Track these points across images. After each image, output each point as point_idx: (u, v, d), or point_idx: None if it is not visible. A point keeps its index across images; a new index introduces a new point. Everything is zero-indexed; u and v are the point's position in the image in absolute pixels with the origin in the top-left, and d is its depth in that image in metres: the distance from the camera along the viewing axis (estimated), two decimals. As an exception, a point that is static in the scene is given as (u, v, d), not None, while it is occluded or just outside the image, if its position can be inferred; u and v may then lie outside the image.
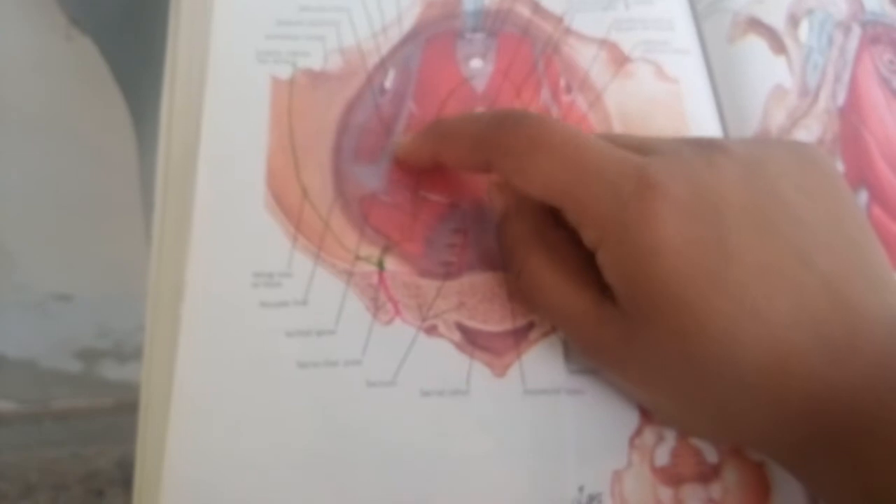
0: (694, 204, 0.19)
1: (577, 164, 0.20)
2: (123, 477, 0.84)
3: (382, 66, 0.27)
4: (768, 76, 0.27)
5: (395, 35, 0.27)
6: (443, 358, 0.23)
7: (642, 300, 0.19)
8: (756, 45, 0.27)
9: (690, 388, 0.20)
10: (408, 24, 0.27)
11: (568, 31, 0.28)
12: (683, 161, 0.20)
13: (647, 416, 0.22)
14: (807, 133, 0.26)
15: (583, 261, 0.21)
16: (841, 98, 0.27)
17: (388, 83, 0.26)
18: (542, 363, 0.23)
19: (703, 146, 0.21)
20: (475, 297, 0.24)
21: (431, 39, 0.27)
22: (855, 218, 0.21)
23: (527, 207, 0.22)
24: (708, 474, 0.22)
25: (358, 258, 0.24)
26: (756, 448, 0.21)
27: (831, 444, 0.18)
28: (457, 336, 0.23)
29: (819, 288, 0.19)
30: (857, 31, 0.29)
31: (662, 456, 0.22)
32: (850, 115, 0.27)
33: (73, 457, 0.85)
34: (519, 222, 0.22)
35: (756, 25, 0.27)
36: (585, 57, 0.27)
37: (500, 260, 0.24)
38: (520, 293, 0.23)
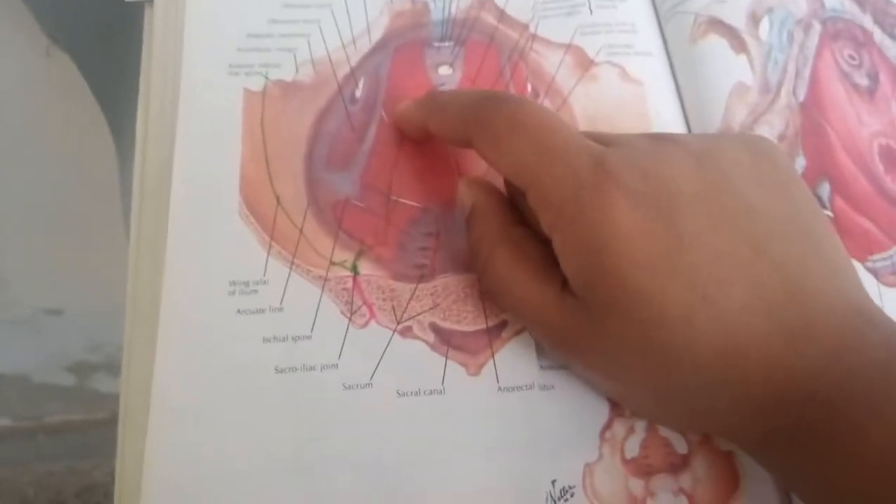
0: (647, 193, 0.19)
1: (543, 146, 0.20)
2: (119, 490, 0.84)
3: (353, 75, 0.27)
4: (730, 74, 0.27)
5: (364, 45, 0.28)
6: (418, 359, 0.23)
7: (598, 288, 0.19)
8: (717, 45, 0.28)
9: (653, 376, 0.20)
10: (377, 34, 0.28)
11: (533, 38, 0.28)
12: (639, 152, 0.20)
13: (617, 409, 0.23)
14: (769, 128, 0.27)
15: (545, 257, 0.21)
16: (802, 93, 0.28)
17: (359, 92, 0.27)
18: (515, 361, 0.23)
19: (659, 139, 0.22)
20: (449, 298, 0.24)
21: (400, 48, 0.28)
22: (809, 208, 0.21)
23: (492, 205, 0.23)
24: (678, 465, 0.22)
25: (332, 263, 0.24)
26: (721, 435, 0.22)
27: (791, 429, 0.19)
28: (431, 337, 0.23)
29: (773, 275, 0.19)
30: (817, 27, 0.29)
31: (633, 448, 0.22)
32: (811, 110, 0.28)
33: (69, 471, 0.85)
34: (484, 220, 0.23)
35: (717, 25, 0.28)
36: (551, 62, 0.28)
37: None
38: (485, 290, 0.23)
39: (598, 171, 0.20)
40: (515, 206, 0.23)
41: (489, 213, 0.23)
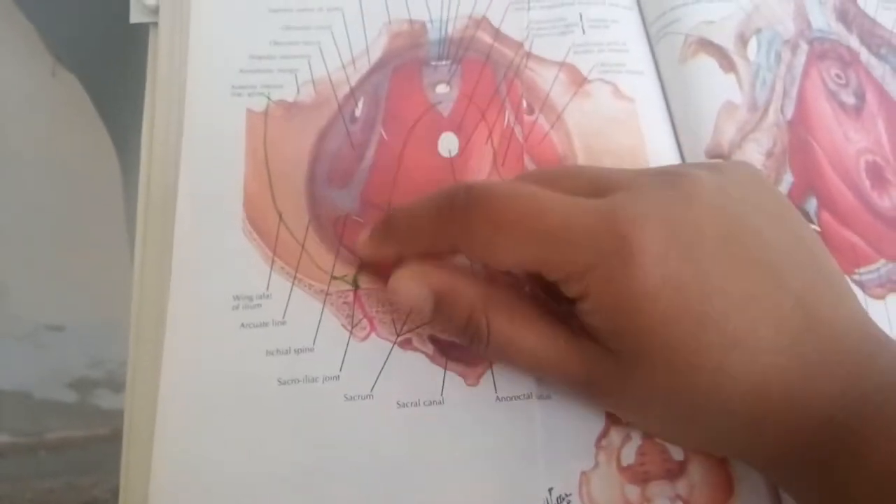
0: (670, 243, 0.19)
1: (542, 235, 0.19)
2: (119, 506, 0.84)
3: (352, 95, 0.28)
4: (719, 93, 0.28)
5: (363, 65, 0.29)
6: (418, 370, 0.24)
7: (631, 344, 0.19)
8: (706, 64, 0.29)
9: (679, 414, 0.20)
10: (375, 54, 0.29)
11: (528, 56, 0.29)
12: (651, 198, 0.20)
13: (613, 417, 0.23)
14: (756, 146, 0.27)
15: (538, 308, 0.21)
16: (789, 112, 0.29)
17: (359, 111, 0.28)
18: (512, 371, 0.24)
19: (669, 177, 0.21)
20: (447, 311, 0.25)
21: (398, 68, 0.29)
22: (807, 232, 0.22)
23: (460, 282, 0.21)
24: (674, 471, 0.23)
25: (333, 278, 0.25)
26: (735, 458, 0.22)
27: (807, 453, 0.19)
28: (430, 349, 0.24)
29: (794, 308, 0.19)
30: (804, 47, 0.30)
31: (629, 455, 0.23)
32: (798, 128, 0.28)
33: (69, 487, 0.85)
34: (462, 300, 0.21)
35: (706, 46, 0.29)
36: (546, 79, 0.29)
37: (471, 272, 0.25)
38: (493, 359, 0.23)
39: (614, 230, 0.19)
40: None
41: (462, 290, 0.21)
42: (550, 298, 0.22)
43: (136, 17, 0.30)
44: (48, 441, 0.84)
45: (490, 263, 0.21)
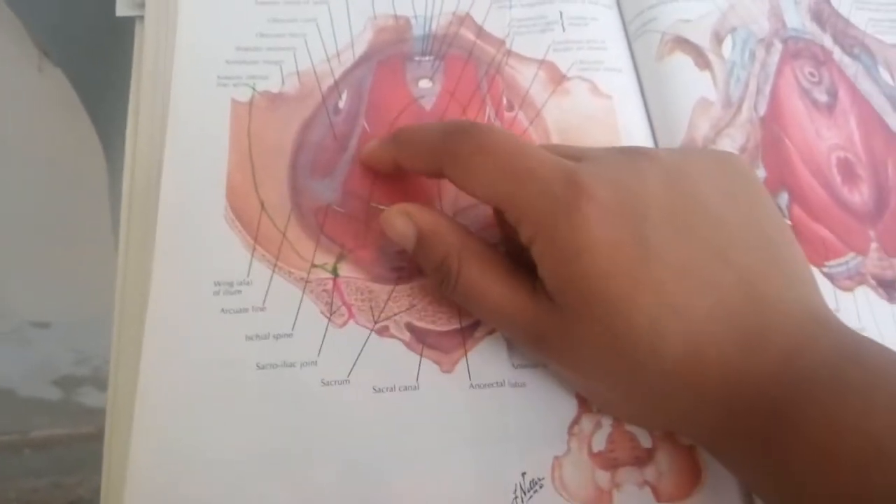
0: (617, 206, 0.20)
1: (515, 169, 0.21)
2: (104, 505, 0.83)
3: (336, 87, 0.28)
4: (694, 90, 0.29)
5: (348, 59, 0.29)
6: (394, 357, 0.24)
7: (572, 295, 0.21)
8: (682, 62, 0.29)
9: (620, 375, 0.21)
10: (360, 48, 0.29)
11: (509, 53, 0.30)
12: (609, 166, 0.22)
13: (585, 405, 0.24)
14: (730, 141, 0.28)
15: (508, 263, 0.23)
16: (762, 108, 0.29)
17: (342, 103, 0.28)
18: (487, 359, 0.24)
19: (630, 153, 0.23)
20: (425, 299, 0.25)
21: (383, 62, 0.29)
22: (773, 219, 0.22)
23: (442, 224, 0.23)
24: (643, 458, 0.23)
25: (314, 266, 0.25)
26: (680, 431, 0.23)
27: (745, 427, 0.20)
28: (407, 336, 0.24)
29: (735, 283, 0.20)
30: (778, 46, 0.31)
31: (599, 442, 0.23)
32: (771, 124, 0.29)
33: (54, 486, 0.85)
34: (440, 240, 0.23)
35: (682, 44, 0.30)
36: (526, 76, 0.29)
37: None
38: (458, 301, 0.23)
39: (571, 186, 0.21)
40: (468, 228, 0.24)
41: (443, 232, 0.23)
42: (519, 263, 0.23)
43: (122, 10, 0.30)
44: (33, 439, 0.84)
45: (464, 186, 0.22)
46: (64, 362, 0.73)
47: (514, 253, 0.25)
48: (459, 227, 0.23)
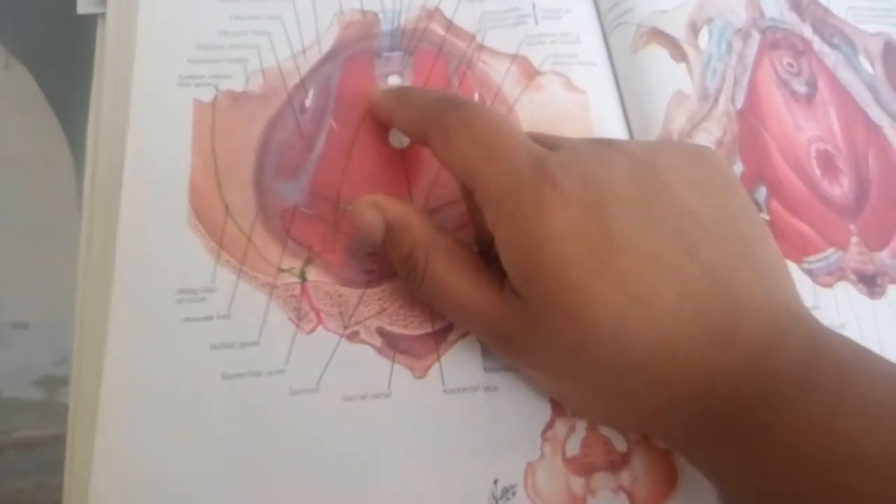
0: (583, 195, 0.20)
1: (489, 146, 0.21)
2: (90, 505, 0.83)
3: (302, 85, 0.28)
4: (669, 83, 0.28)
5: (314, 55, 0.28)
6: (365, 363, 0.24)
7: (534, 284, 0.20)
8: (657, 54, 0.29)
9: (588, 372, 0.21)
10: (327, 44, 0.29)
11: (481, 48, 0.29)
12: (578, 155, 0.21)
13: (559, 409, 0.23)
14: (706, 135, 0.27)
15: (477, 260, 0.22)
16: (740, 101, 0.29)
17: (309, 102, 0.27)
18: (460, 363, 0.24)
19: (602, 143, 0.22)
20: (396, 302, 0.25)
21: (350, 58, 0.28)
22: (747, 214, 0.22)
23: (411, 217, 0.23)
24: (617, 463, 0.23)
25: (280, 270, 0.25)
26: (653, 432, 0.23)
27: (717, 426, 0.19)
28: (378, 341, 0.24)
29: (702, 277, 0.20)
30: (756, 37, 0.30)
31: (573, 447, 0.23)
32: (749, 117, 0.28)
33: (39, 487, 0.84)
34: (408, 232, 0.23)
35: (657, 35, 0.29)
36: (498, 71, 0.29)
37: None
38: (424, 297, 0.23)
39: (537, 171, 0.20)
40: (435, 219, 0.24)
41: (412, 226, 0.23)
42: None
43: (83, 7, 0.29)
44: (16, 440, 0.83)
45: (441, 158, 0.22)
46: (45, 362, 0.72)
47: (485, 252, 0.24)
48: (429, 221, 0.23)
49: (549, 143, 0.22)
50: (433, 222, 0.23)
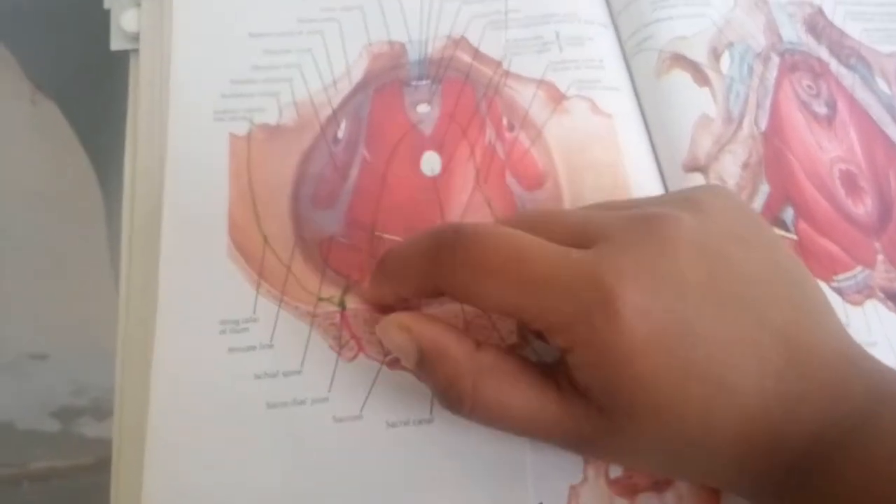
0: (655, 295, 0.19)
1: (525, 282, 0.19)
2: (106, 536, 0.82)
3: (335, 117, 0.28)
4: (694, 107, 0.29)
5: (345, 87, 0.29)
6: (406, 389, 0.24)
7: (620, 400, 0.19)
8: (681, 79, 0.29)
9: (668, 459, 0.21)
10: (357, 76, 0.29)
11: (507, 74, 0.30)
12: (633, 249, 0.19)
13: (601, 431, 0.24)
14: (732, 157, 0.28)
15: (529, 370, 0.21)
16: (763, 123, 0.29)
17: (341, 133, 0.28)
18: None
19: (648, 222, 0.20)
20: (433, 329, 0.25)
21: (380, 89, 0.29)
22: (783, 253, 0.22)
23: (447, 339, 0.21)
24: (662, 483, 0.23)
25: (320, 299, 0.25)
26: (719, 487, 0.23)
27: (782, 482, 0.19)
28: (417, 368, 0.24)
29: (775, 345, 0.19)
30: (775, 60, 0.31)
31: (616, 469, 0.23)
32: (773, 139, 0.29)
33: (54, 519, 0.84)
34: (447, 359, 0.20)
35: (680, 60, 0.30)
36: (525, 96, 0.29)
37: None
38: (479, 422, 0.21)
39: (598, 290, 0.19)
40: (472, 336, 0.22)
41: (449, 350, 0.20)
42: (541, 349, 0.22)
43: (116, 44, 0.30)
44: (32, 471, 0.83)
45: (473, 306, 0.21)
46: (62, 393, 0.72)
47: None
48: (467, 339, 0.21)
49: (586, 234, 0.20)
50: (472, 340, 0.21)
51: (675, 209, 0.21)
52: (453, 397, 0.20)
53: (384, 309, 0.24)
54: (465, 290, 0.20)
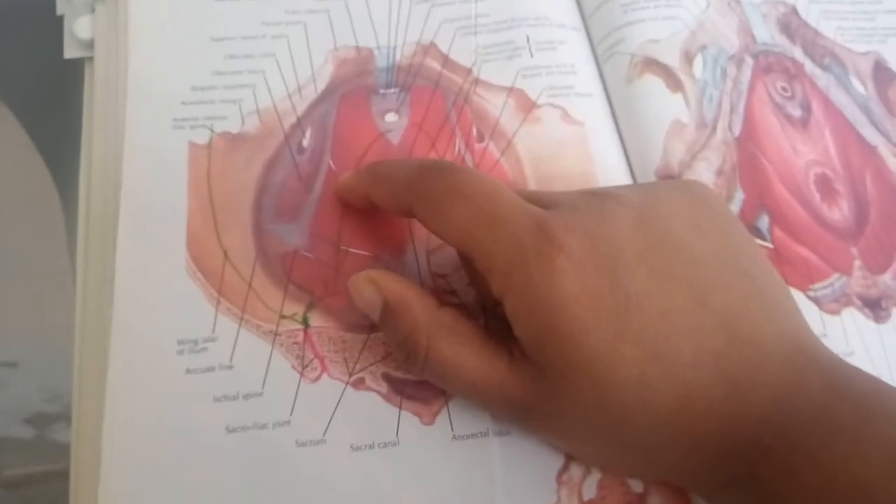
0: (591, 255, 0.20)
1: (486, 214, 0.20)
2: (83, 543, 0.81)
3: (299, 125, 0.27)
4: (666, 112, 0.28)
5: (310, 94, 0.28)
6: (371, 411, 0.23)
7: (552, 352, 0.19)
8: (653, 84, 0.29)
9: (610, 433, 0.20)
10: (322, 82, 0.28)
11: (477, 82, 0.29)
12: (579, 213, 0.21)
13: (572, 450, 0.23)
14: (706, 164, 0.27)
15: (481, 331, 0.21)
16: (737, 128, 0.29)
17: (306, 141, 0.27)
18: (469, 408, 0.23)
19: (598, 196, 0.22)
20: (401, 346, 0.24)
21: (346, 96, 0.28)
22: (747, 249, 0.22)
23: (409, 294, 0.22)
24: (634, 503, 0.23)
25: (282, 317, 0.24)
26: (675, 482, 0.22)
27: (737, 472, 0.19)
28: (384, 388, 0.23)
29: (716, 325, 0.20)
30: (749, 62, 0.30)
31: (590, 489, 0.23)
32: (747, 144, 0.28)
33: (30, 526, 0.82)
34: (407, 312, 0.21)
35: (652, 65, 0.29)
36: (495, 105, 0.28)
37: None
38: (427, 379, 0.22)
39: (541, 236, 0.20)
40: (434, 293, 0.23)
41: (410, 304, 0.22)
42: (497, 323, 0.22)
43: (70, 52, 0.29)
44: (7, 478, 0.81)
45: (433, 228, 0.22)
46: (35, 400, 0.71)
47: (490, 310, 0.24)
48: (429, 297, 0.22)
49: (543, 201, 0.22)
50: (434, 297, 0.22)
51: (627, 191, 0.22)
52: (409, 349, 0.21)
53: (348, 326, 0.24)
54: (435, 211, 0.21)
